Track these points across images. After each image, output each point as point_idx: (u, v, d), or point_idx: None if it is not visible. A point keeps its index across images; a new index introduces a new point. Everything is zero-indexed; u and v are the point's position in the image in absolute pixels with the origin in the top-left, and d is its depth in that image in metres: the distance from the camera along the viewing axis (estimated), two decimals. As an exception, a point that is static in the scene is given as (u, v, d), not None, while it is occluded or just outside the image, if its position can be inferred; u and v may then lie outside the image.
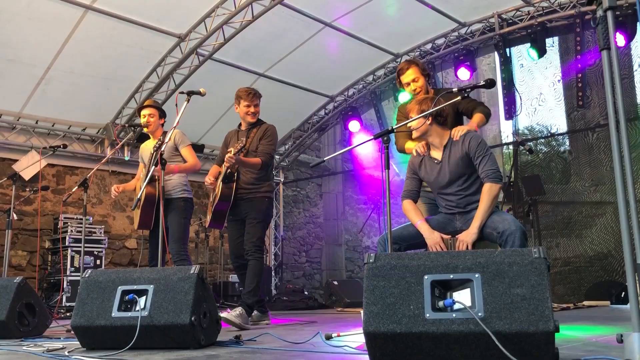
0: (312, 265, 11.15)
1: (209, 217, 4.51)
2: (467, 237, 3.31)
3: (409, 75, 3.91)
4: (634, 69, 10.29)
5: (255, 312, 4.51)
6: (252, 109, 4.51)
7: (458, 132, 3.47)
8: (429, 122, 3.46)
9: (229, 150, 4.16)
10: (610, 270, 9.29)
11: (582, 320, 4.24)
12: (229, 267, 8.72)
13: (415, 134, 3.52)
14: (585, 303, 6.50)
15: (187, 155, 4.56)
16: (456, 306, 2.00)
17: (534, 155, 10.61)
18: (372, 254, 2.20)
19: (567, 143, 13.21)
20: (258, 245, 4.32)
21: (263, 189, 4.41)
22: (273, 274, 9.69)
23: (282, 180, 10.38)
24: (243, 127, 4.61)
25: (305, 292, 8.27)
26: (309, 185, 11.26)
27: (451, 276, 2.07)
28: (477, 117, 3.74)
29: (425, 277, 2.08)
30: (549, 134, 16.39)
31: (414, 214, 3.60)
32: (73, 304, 6.45)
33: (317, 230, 11.38)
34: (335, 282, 7.90)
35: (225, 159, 4.09)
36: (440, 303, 2.02)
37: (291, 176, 10.83)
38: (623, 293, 7.38)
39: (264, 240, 4.46)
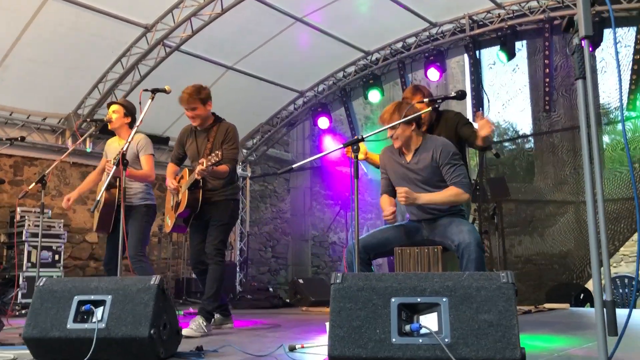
0: (277, 260, 11.08)
1: (170, 222, 4.37)
2: (413, 194, 3.31)
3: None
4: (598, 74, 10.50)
5: (217, 315, 4.43)
6: (190, 114, 4.23)
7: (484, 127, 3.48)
8: (412, 127, 3.45)
9: (200, 161, 3.90)
10: (570, 268, 9.51)
11: (543, 328, 4.30)
12: (193, 262, 8.59)
13: (397, 144, 3.48)
14: (546, 306, 6.61)
15: (144, 163, 4.38)
16: (423, 331, 1.96)
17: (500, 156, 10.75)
18: (339, 274, 2.15)
19: (532, 142, 13.43)
20: (220, 248, 4.18)
21: (228, 192, 4.26)
22: (238, 270, 9.59)
23: (249, 174, 10.26)
24: (200, 127, 4.34)
25: (270, 289, 8.21)
26: (277, 180, 11.16)
27: (418, 299, 2.03)
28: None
29: (393, 299, 2.04)
30: (514, 133, 16.65)
31: (386, 204, 3.59)
32: (29, 300, 6.24)
33: (284, 226, 11.31)
34: (301, 281, 7.86)
35: (196, 172, 3.91)
36: (407, 327, 1.98)
37: (259, 171, 10.71)
38: (582, 295, 7.58)
39: (226, 244, 4.32)
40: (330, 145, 9.41)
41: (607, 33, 6.56)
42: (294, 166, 3.14)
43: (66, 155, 5.15)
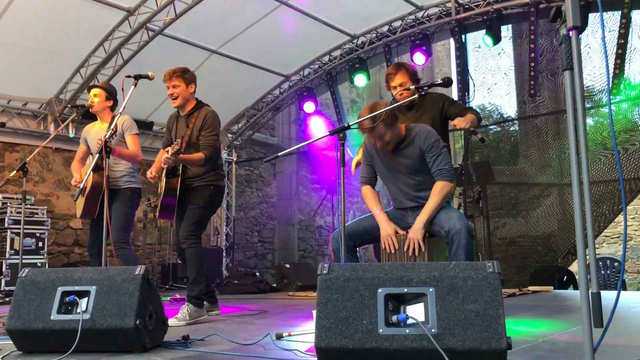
0: (264, 245, 11.08)
1: (158, 209, 4.34)
2: (416, 234, 3.29)
3: (397, 80, 3.84)
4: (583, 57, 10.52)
5: (205, 302, 4.43)
6: (171, 91, 4.19)
7: (462, 122, 3.46)
8: (391, 127, 3.38)
9: (166, 149, 3.94)
10: (553, 250, 9.62)
11: (528, 312, 4.35)
12: (179, 247, 8.55)
13: (380, 145, 3.43)
14: (530, 288, 6.69)
15: (130, 143, 4.33)
16: (409, 321, 1.96)
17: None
18: (325, 265, 2.14)
19: (517, 125, 13.48)
20: (193, 231, 4.11)
21: (208, 178, 4.21)
22: (224, 254, 9.57)
23: (234, 159, 10.20)
24: (182, 112, 4.31)
25: (257, 274, 8.20)
26: (263, 165, 11.11)
27: (405, 290, 2.03)
28: (470, 116, 3.72)
29: (379, 290, 2.03)
30: (499, 117, 16.71)
31: (373, 203, 3.56)
32: (13, 288, 6.18)
33: (270, 210, 11.29)
34: (287, 265, 7.86)
35: (162, 160, 3.92)
36: (394, 318, 1.98)
37: (244, 155, 10.65)
38: (565, 277, 7.69)
39: (200, 227, 4.19)
40: (317, 129, 9.38)
41: (592, 17, 6.57)
42: (280, 154, 3.11)
43: (48, 141, 5.07)
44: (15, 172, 4.43)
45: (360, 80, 8.37)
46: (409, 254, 3.26)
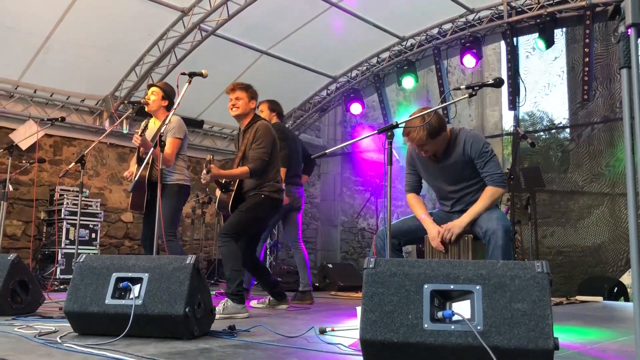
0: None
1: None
2: (454, 226, 3.31)
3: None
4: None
5: (270, 298, 4.63)
6: (232, 102, 4.29)
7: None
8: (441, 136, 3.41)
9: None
10: (603, 261, 9.34)
11: (575, 320, 4.25)
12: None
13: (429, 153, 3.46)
14: (578, 298, 6.52)
15: (167, 145, 4.35)
16: (455, 317, 1.97)
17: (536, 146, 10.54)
18: (371, 259, 2.16)
19: (568, 131, 13.15)
20: (226, 230, 4.13)
21: (264, 189, 4.25)
22: (268, 253, 9.68)
23: (280, 159, 10.30)
24: (242, 127, 4.41)
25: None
26: (308, 165, 11.18)
27: (451, 287, 2.04)
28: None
29: (425, 286, 2.05)
30: (549, 123, 16.33)
31: (418, 208, 3.59)
32: (67, 276, 6.46)
33: (314, 211, 11.36)
34: (330, 265, 7.90)
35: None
36: (440, 314, 1.99)
37: (290, 155, 10.74)
38: (616, 288, 7.44)
39: (236, 229, 4.15)
40: (361, 131, 9.41)
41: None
42: (327, 152, 3.16)
43: (104, 136, 5.27)
44: (73, 164, 4.61)
45: (408, 82, 8.34)
46: (443, 243, 3.28)
